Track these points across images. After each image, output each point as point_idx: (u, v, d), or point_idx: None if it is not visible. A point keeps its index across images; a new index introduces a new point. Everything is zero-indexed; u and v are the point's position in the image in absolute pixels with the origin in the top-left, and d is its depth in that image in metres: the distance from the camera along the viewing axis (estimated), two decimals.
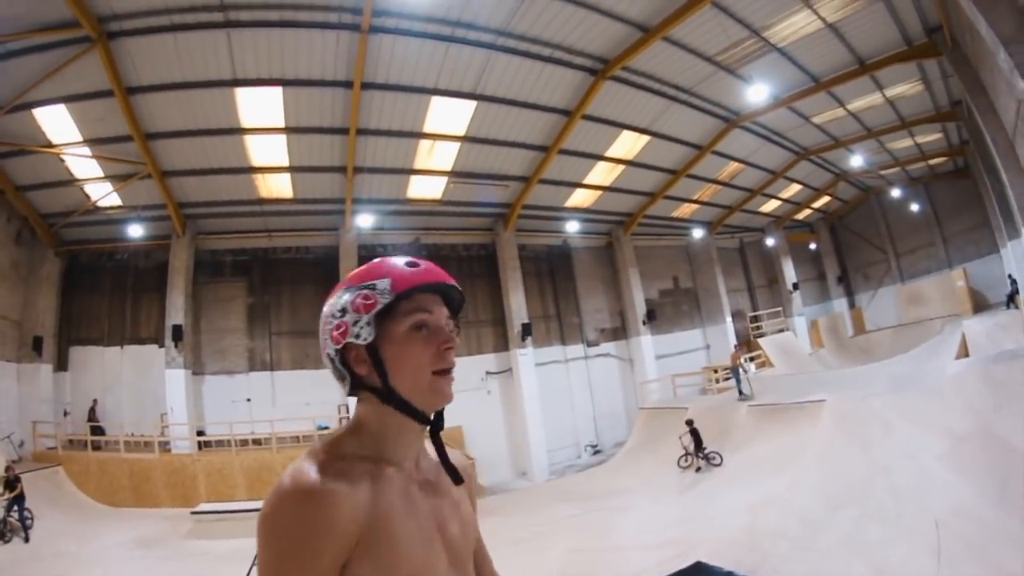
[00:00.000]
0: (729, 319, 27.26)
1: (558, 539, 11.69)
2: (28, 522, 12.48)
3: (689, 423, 15.29)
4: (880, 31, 15.80)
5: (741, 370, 17.57)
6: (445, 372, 1.32)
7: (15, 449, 15.84)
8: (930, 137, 24.47)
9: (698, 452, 14.79)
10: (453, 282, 1.40)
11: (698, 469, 14.54)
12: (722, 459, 14.37)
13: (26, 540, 12.22)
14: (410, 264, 1.37)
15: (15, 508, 12.31)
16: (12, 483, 12.46)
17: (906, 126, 22.34)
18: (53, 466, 15.70)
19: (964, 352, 15.38)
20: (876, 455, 10.08)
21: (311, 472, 1.17)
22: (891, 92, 19.62)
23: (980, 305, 25.33)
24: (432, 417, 1.36)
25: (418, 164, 17.94)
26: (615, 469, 17.29)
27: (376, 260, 1.40)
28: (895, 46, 16.42)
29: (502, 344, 21.98)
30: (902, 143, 24.87)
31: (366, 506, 1.18)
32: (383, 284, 1.32)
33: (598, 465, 17.95)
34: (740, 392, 17.20)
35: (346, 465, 1.22)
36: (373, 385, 1.31)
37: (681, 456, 15.16)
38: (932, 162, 27.71)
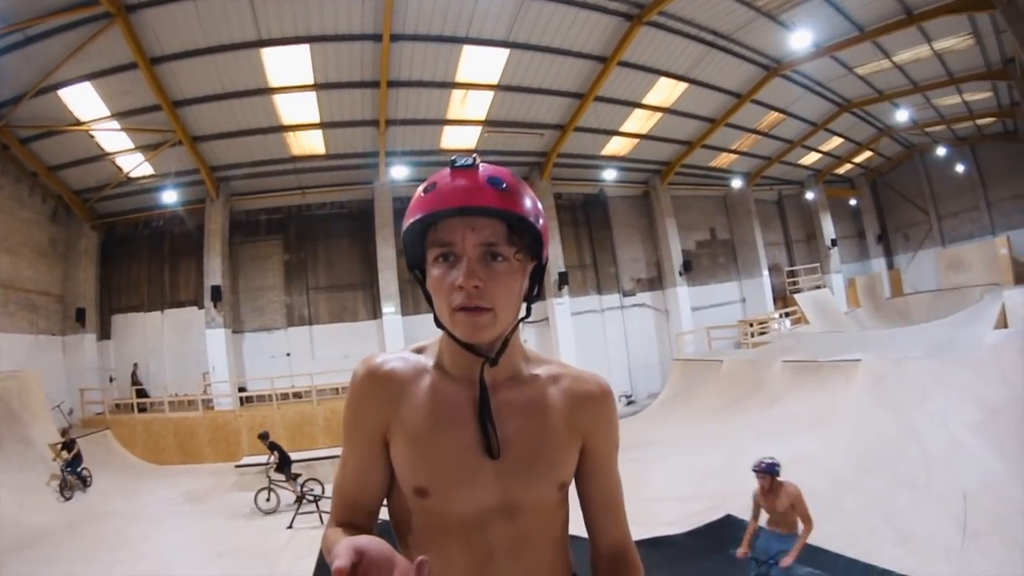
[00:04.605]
0: (766, 273, 26.69)
1: None
2: (88, 479, 13.38)
3: (264, 437, 12.23)
4: None
5: None
6: (462, 309, 1.15)
7: (65, 417, 16.47)
8: (979, 95, 23.09)
9: (288, 478, 11.81)
10: (472, 202, 1.13)
11: (297, 500, 11.37)
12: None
13: (86, 486, 13.23)
14: (428, 188, 1.19)
15: (71, 467, 13.09)
16: (69, 445, 13.30)
17: (954, 82, 21.09)
18: (101, 430, 16.27)
19: (1003, 323, 14.74)
20: (909, 420, 9.79)
21: (374, 358, 1.32)
22: (939, 45, 18.50)
23: (1022, 276, 23.99)
24: (487, 351, 1.24)
25: (451, 114, 17.78)
26: (648, 420, 17.19)
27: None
28: None
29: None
30: (949, 100, 23.61)
31: (401, 398, 1.27)
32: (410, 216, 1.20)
33: (631, 416, 17.87)
34: None
35: (410, 361, 1.32)
36: None
37: (263, 490, 11.90)
38: (980, 122, 26.22)
